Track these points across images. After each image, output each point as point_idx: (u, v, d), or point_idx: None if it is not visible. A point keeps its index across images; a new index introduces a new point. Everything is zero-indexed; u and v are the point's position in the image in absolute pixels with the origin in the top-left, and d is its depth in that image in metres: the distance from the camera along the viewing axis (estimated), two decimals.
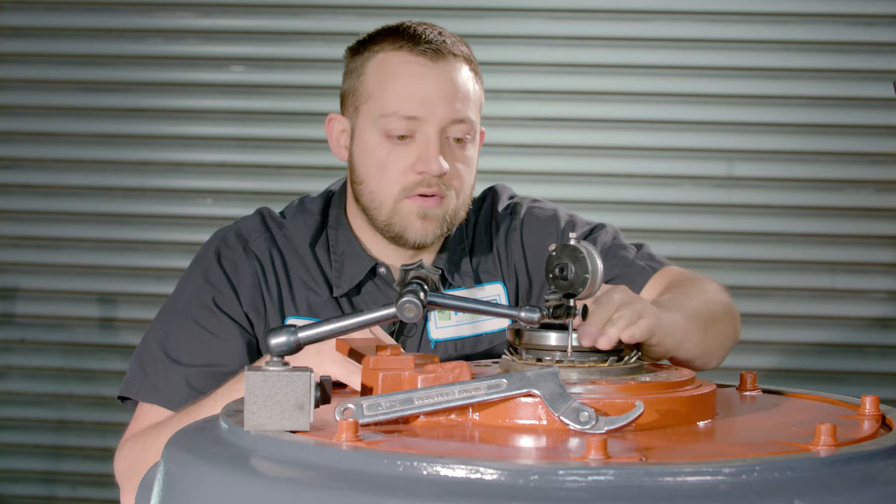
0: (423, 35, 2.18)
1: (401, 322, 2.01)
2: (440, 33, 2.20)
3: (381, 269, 2.24)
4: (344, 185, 2.31)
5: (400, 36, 2.19)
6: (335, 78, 4.19)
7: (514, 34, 4.28)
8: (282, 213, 2.31)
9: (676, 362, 1.97)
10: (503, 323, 2.26)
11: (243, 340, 2.17)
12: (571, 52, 4.28)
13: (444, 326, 2.26)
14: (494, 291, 2.30)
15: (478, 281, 2.30)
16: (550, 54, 4.29)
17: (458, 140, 2.18)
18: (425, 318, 2.24)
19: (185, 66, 4.36)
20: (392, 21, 2.26)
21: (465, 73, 2.19)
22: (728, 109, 4.25)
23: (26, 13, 4.37)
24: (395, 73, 2.17)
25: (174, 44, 4.36)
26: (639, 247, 2.33)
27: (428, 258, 2.26)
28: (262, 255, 2.23)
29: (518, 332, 1.74)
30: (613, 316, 1.73)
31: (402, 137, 2.16)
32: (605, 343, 1.70)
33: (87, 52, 4.37)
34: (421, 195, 2.16)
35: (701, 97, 4.26)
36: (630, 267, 2.27)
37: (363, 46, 2.23)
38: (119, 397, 2.22)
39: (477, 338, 2.27)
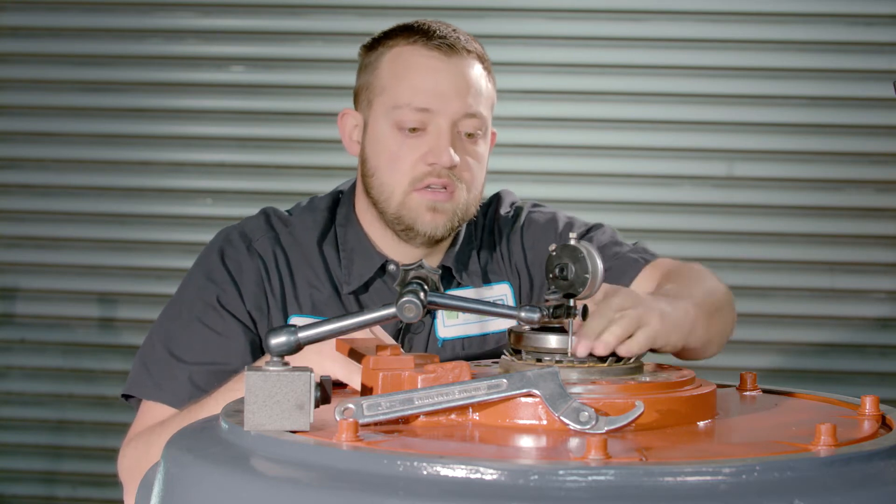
0: (437, 31, 2.21)
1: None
2: (454, 30, 2.23)
3: (391, 267, 2.24)
4: (353, 184, 2.32)
5: (414, 31, 2.22)
6: (336, 78, 4.26)
7: (515, 34, 4.28)
8: (289, 212, 2.32)
9: (678, 352, 1.97)
10: (510, 322, 2.27)
11: (247, 339, 2.17)
12: (571, 52, 4.28)
13: (451, 325, 2.26)
14: (502, 291, 2.31)
15: (486, 280, 2.31)
16: (550, 54, 4.29)
17: (470, 135, 2.20)
18: (433, 317, 2.25)
19: (185, 66, 4.36)
20: (393, 21, 2.28)
21: (477, 70, 2.21)
22: (728, 109, 4.25)
23: (26, 13, 4.37)
24: (408, 66, 2.19)
25: (174, 44, 4.36)
26: (634, 245, 2.34)
27: (437, 256, 2.26)
28: (265, 254, 2.23)
29: (518, 333, 1.74)
30: (611, 323, 1.73)
31: (413, 130, 2.17)
32: (601, 350, 1.70)
33: (87, 52, 4.36)
34: (430, 188, 2.17)
35: (701, 97, 4.26)
36: (621, 259, 2.28)
37: (378, 43, 2.26)
38: (123, 395, 2.23)
39: (483, 337, 2.28)
